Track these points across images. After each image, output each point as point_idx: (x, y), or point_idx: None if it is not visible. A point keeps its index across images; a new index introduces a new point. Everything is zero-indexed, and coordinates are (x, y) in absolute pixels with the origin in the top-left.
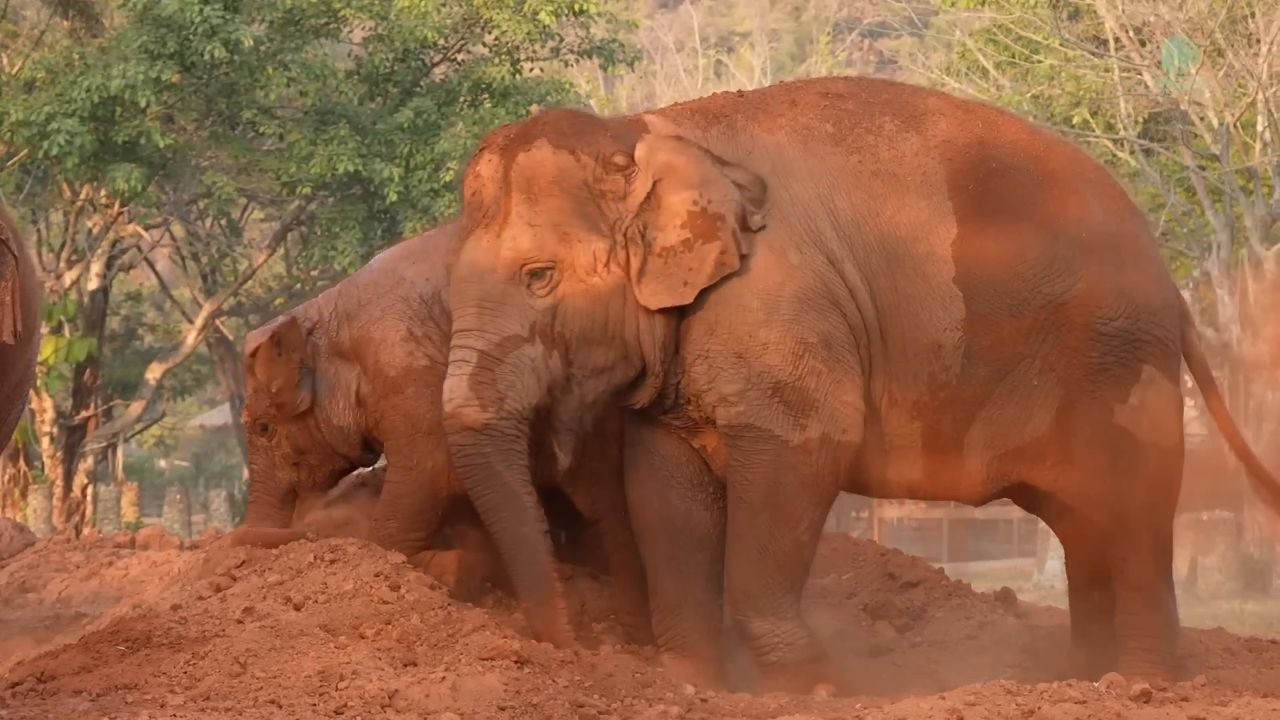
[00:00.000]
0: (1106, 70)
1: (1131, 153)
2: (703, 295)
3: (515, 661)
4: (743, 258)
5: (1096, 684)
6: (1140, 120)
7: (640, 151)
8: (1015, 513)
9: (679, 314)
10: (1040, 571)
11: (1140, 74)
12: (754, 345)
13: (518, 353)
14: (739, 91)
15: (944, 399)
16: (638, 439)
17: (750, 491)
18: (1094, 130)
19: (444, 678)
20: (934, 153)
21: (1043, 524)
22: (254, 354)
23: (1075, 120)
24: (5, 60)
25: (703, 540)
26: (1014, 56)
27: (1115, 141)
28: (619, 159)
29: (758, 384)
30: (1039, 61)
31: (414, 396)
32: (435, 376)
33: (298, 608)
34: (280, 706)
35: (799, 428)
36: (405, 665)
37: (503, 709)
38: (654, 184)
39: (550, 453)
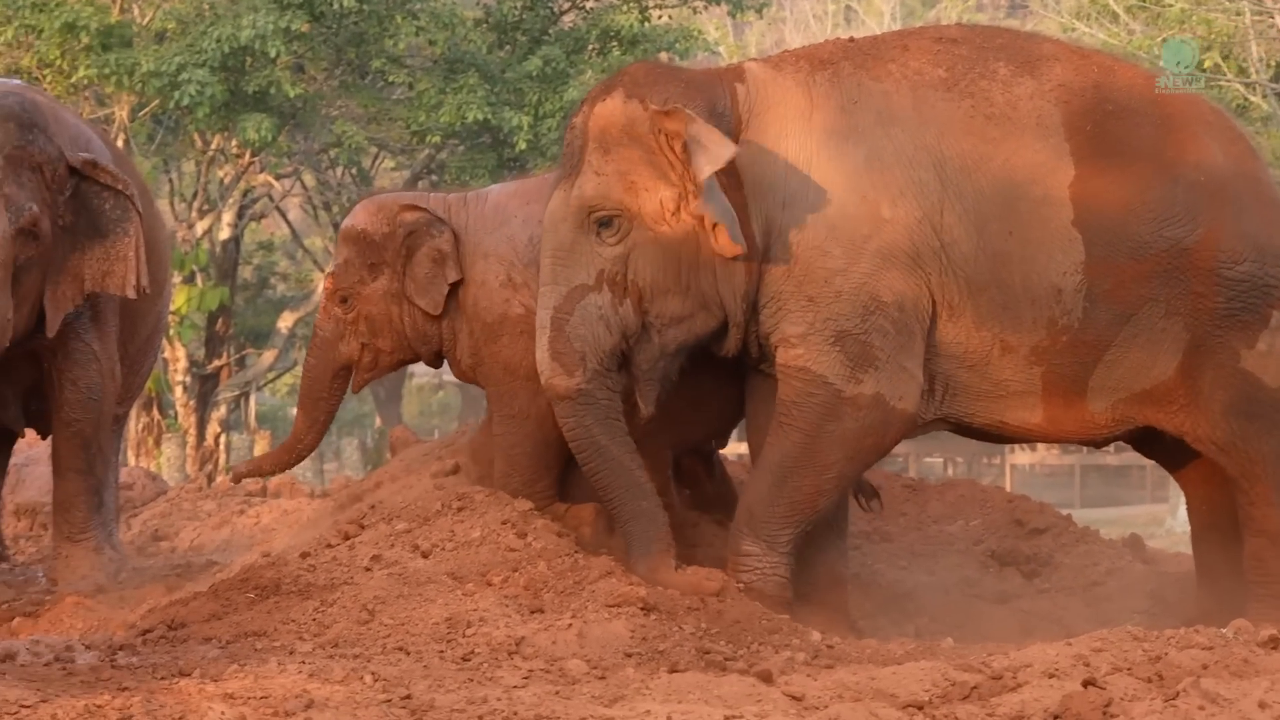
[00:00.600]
0: (1238, 14)
1: (1264, 97)
2: (785, 240)
3: (641, 608)
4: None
5: (1224, 630)
6: (1273, 64)
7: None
8: (1148, 459)
9: (759, 261)
10: (1173, 517)
11: (1272, 17)
12: (827, 291)
13: (584, 303)
14: (850, 38)
15: (1065, 343)
16: (755, 390)
17: (791, 426)
18: (1226, 75)
19: (570, 624)
20: (1049, 96)
21: None
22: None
23: (1207, 65)
24: (136, 11)
25: None
26: (1144, 1)
27: (1247, 86)
28: (689, 110)
29: (822, 330)
30: (1169, 5)
31: (509, 344)
32: (531, 324)
33: (425, 555)
34: (408, 653)
35: (855, 380)
36: (532, 612)
37: (629, 655)
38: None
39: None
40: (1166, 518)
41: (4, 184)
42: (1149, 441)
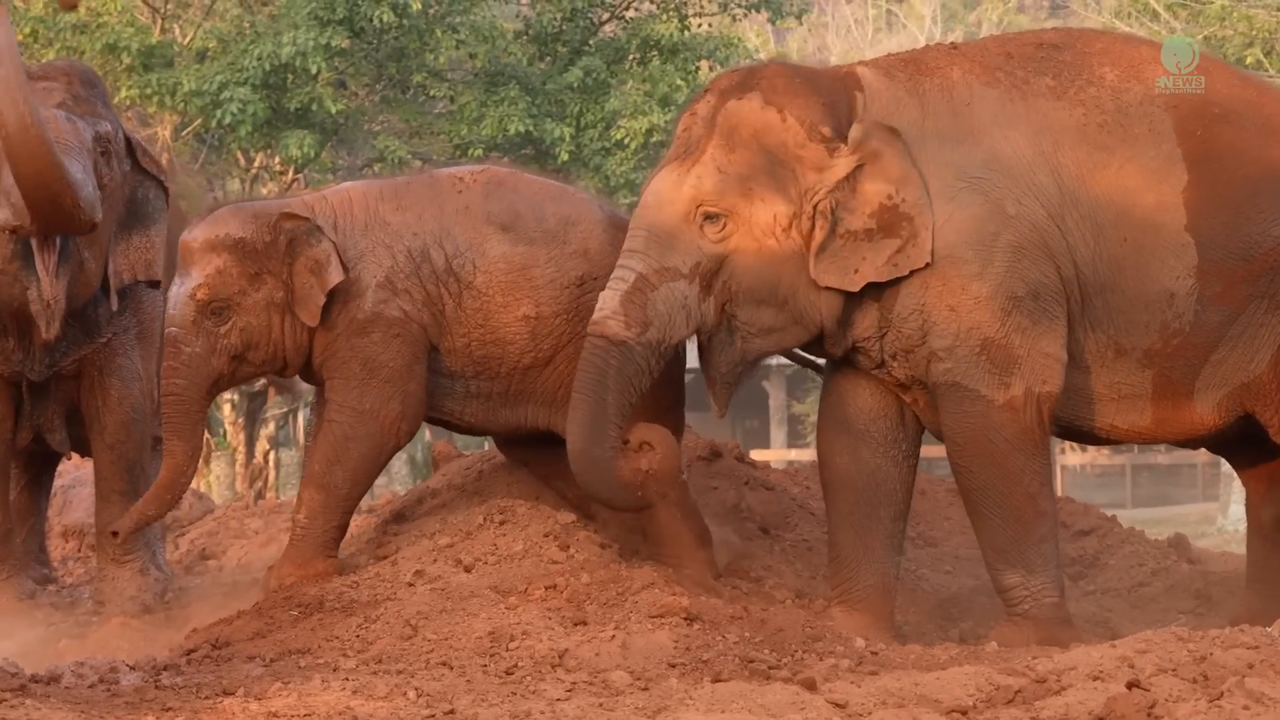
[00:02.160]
0: (1279, 9)
1: None
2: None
3: (685, 618)
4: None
5: (1269, 629)
6: None
7: (855, 132)
8: (1199, 457)
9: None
10: (1224, 516)
11: None
12: (966, 299)
13: (673, 285)
14: (952, 44)
15: (1176, 346)
16: (833, 391)
17: (965, 455)
18: (1268, 71)
19: (614, 636)
20: (1158, 102)
21: (1226, 468)
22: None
23: (1249, 61)
24: (177, 31)
25: (888, 497)
26: None
27: None
28: (825, 130)
29: (965, 340)
30: (1210, 2)
31: (378, 342)
32: (406, 329)
33: (468, 570)
34: (451, 668)
35: (1003, 386)
36: (575, 624)
37: (673, 665)
38: (857, 167)
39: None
40: (1218, 516)
41: (75, 109)
42: (1223, 437)
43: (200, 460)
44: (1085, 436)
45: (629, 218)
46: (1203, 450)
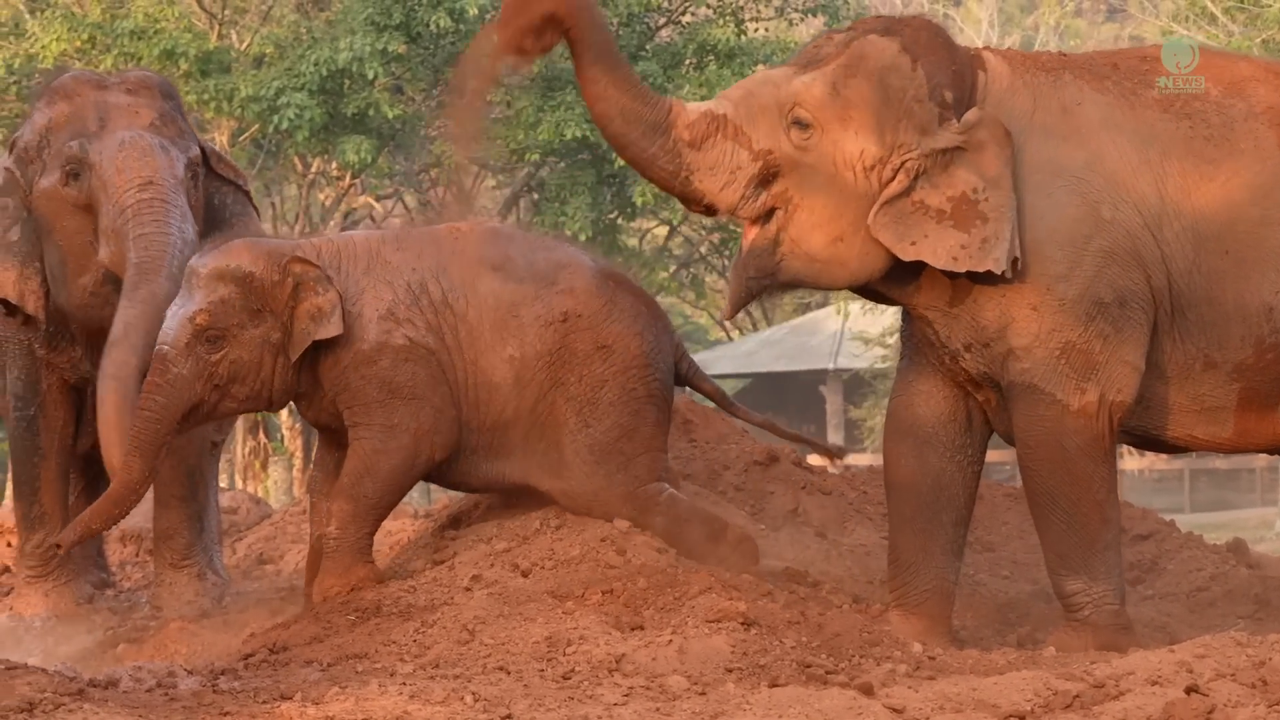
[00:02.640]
0: None
1: None
2: None
3: (742, 623)
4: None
5: None
6: None
7: (971, 114)
8: (1258, 461)
9: None
10: None
11: None
12: (1050, 299)
13: (739, 149)
14: (1061, 52)
15: (1269, 360)
16: (902, 394)
17: (1035, 458)
18: None
19: (671, 641)
20: (1262, 118)
21: None
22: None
23: None
24: (235, 36)
25: (950, 502)
26: (1242, 1)
27: None
28: (947, 95)
29: (1046, 341)
30: (1268, 5)
31: (390, 367)
32: (415, 353)
33: (525, 574)
34: (508, 673)
35: (1079, 391)
36: (632, 629)
37: (729, 670)
38: (958, 148)
39: None
40: (1276, 520)
41: (164, 130)
42: None
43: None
44: (1157, 445)
45: (621, 271)
46: (1261, 455)
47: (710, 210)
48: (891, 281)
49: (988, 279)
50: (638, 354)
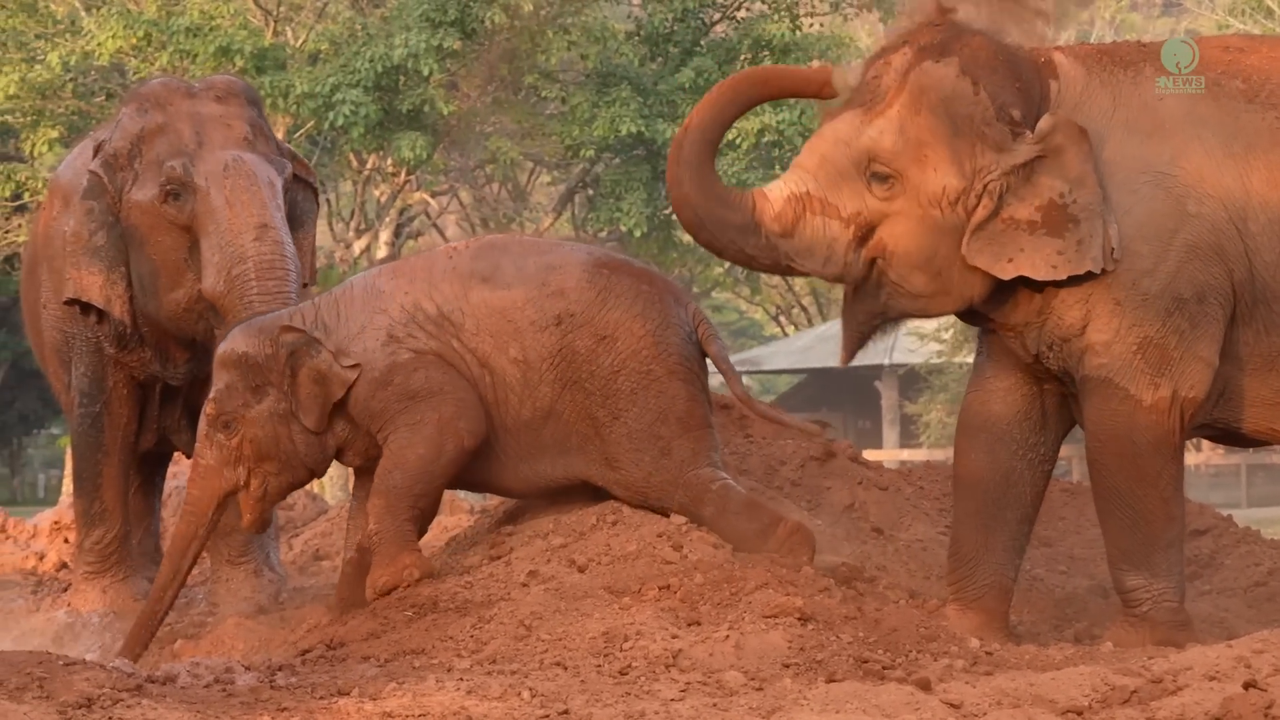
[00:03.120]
0: None
1: None
2: None
3: (799, 619)
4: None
5: None
6: None
7: (1043, 123)
8: None
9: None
10: None
11: None
12: (1134, 295)
13: (829, 221)
14: (1140, 41)
15: None
16: (978, 389)
17: (1104, 452)
18: None
19: (728, 636)
20: None
21: None
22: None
23: None
24: (290, 33)
25: (1017, 499)
26: None
27: None
28: (1015, 112)
29: (1125, 336)
30: None
31: (404, 379)
32: (422, 361)
33: (582, 570)
34: (565, 668)
35: (1153, 386)
36: (689, 624)
37: (787, 666)
38: (1037, 158)
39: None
40: None
41: (257, 144)
42: None
43: None
44: (1235, 439)
45: (622, 258)
46: None
47: (851, 295)
48: (988, 302)
49: (1077, 276)
50: (643, 335)
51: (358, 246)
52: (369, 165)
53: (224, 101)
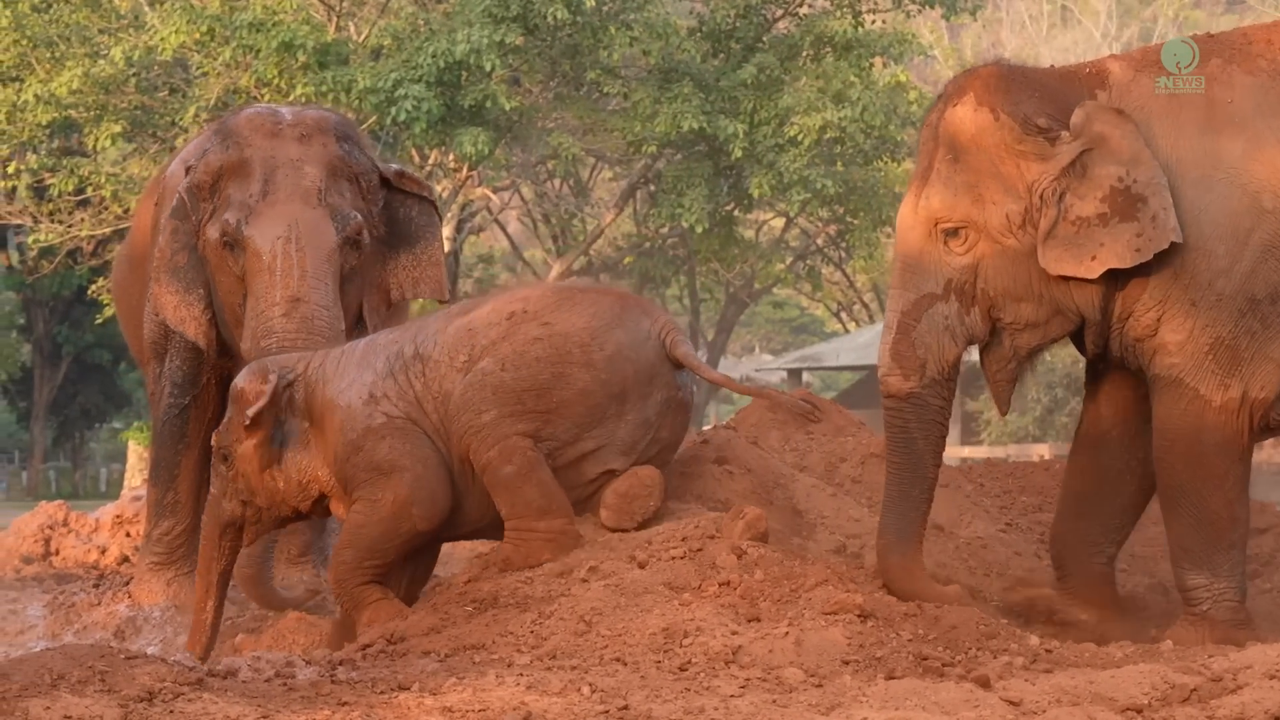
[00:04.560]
0: None
1: None
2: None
3: (858, 615)
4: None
5: None
6: None
7: (1076, 117)
8: None
9: (1140, 264)
10: None
11: None
12: (1209, 295)
13: (932, 312)
14: (1209, 34)
15: None
16: (1089, 392)
17: (1172, 452)
18: None
19: (787, 633)
20: None
21: None
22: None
23: None
24: (353, 28)
25: (1113, 495)
26: None
27: None
28: (1041, 120)
29: (1198, 337)
30: None
31: (373, 447)
32: (396, 426)
33: (642, 566)
34: (625, 664)
35: (1223, 387)
36: (749, 621)
37: (846, 663)
38: (1083, 152)
39: None
40: None
41: (329, 193)
42: None
43: None
44: None
45: (589, 284)
46: None
47: (982, 353)
48: (1095, 318)
49: (1158, 278)
50: (582, 328)
51: None
52: (431, 161)
53: (306, 141)
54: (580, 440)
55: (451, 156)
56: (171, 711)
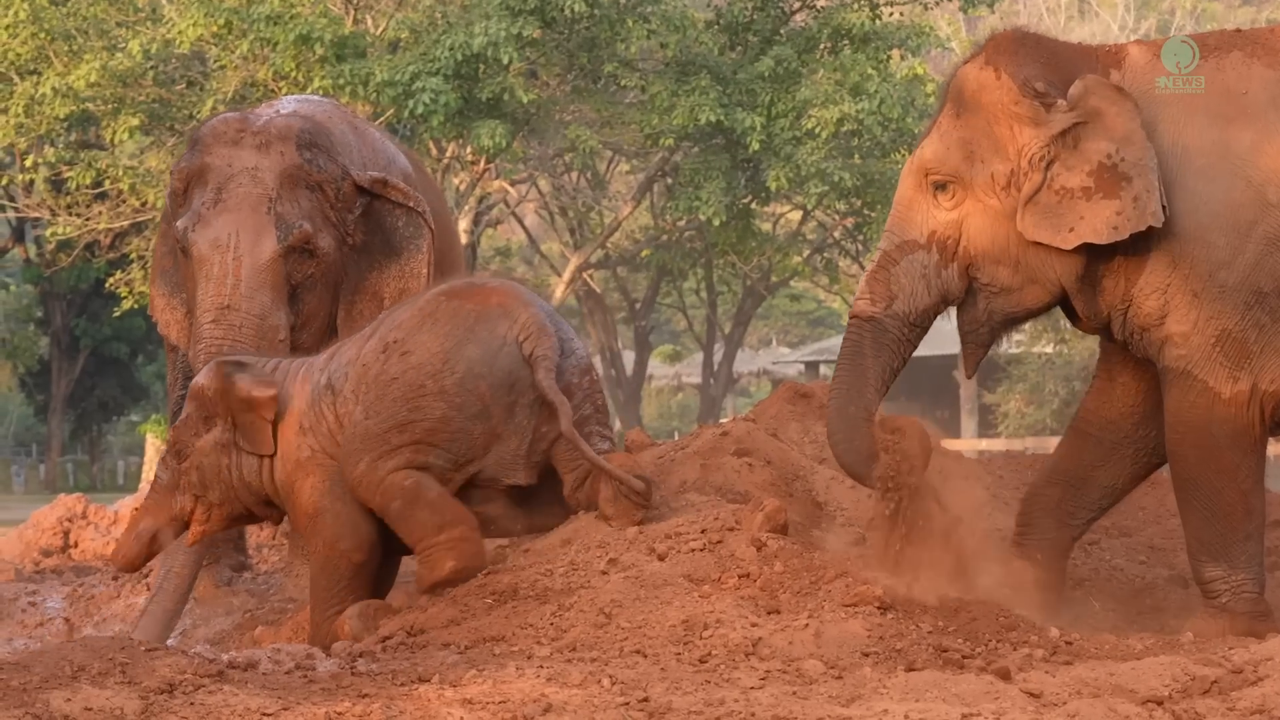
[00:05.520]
0: None
1: None
2: (1168, 226)
3: (878, 607)
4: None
5: None
6: None
7: (1075, 89)
8: None
9: (1133, 246)
10: None
11: None
12: (1211, 286)
13: (912, 257)
14: (1236, 29)
15: None
16: (1100, 375)
17: (1183, 444)
18: None
19: (807, 624)
20: None
21: None
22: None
23: None
24: (370, 21)
25: (1097, 479)
26: None
27: None
28: (1039, 85)
29: (1203, 329)
30: None
31: (301, 485)
32: (318, 462)
33: (661, 558)
34: (645, 656)
35: (1231, 380)
36: (769, 613)
37: (866, 655)
38: (1076, 124)
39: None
40: None
41: (280, 202)
42: None
43: None
44: None
45: (464, 287)
46: None
47: (965, 314)
48: (1077, 294)
49: (1155, 264)
50: (435, 354)
51: None
52: (448, 153)
53: (264, 150)
54: (464, 465)
55: (469, 149)
56: (192, 703)
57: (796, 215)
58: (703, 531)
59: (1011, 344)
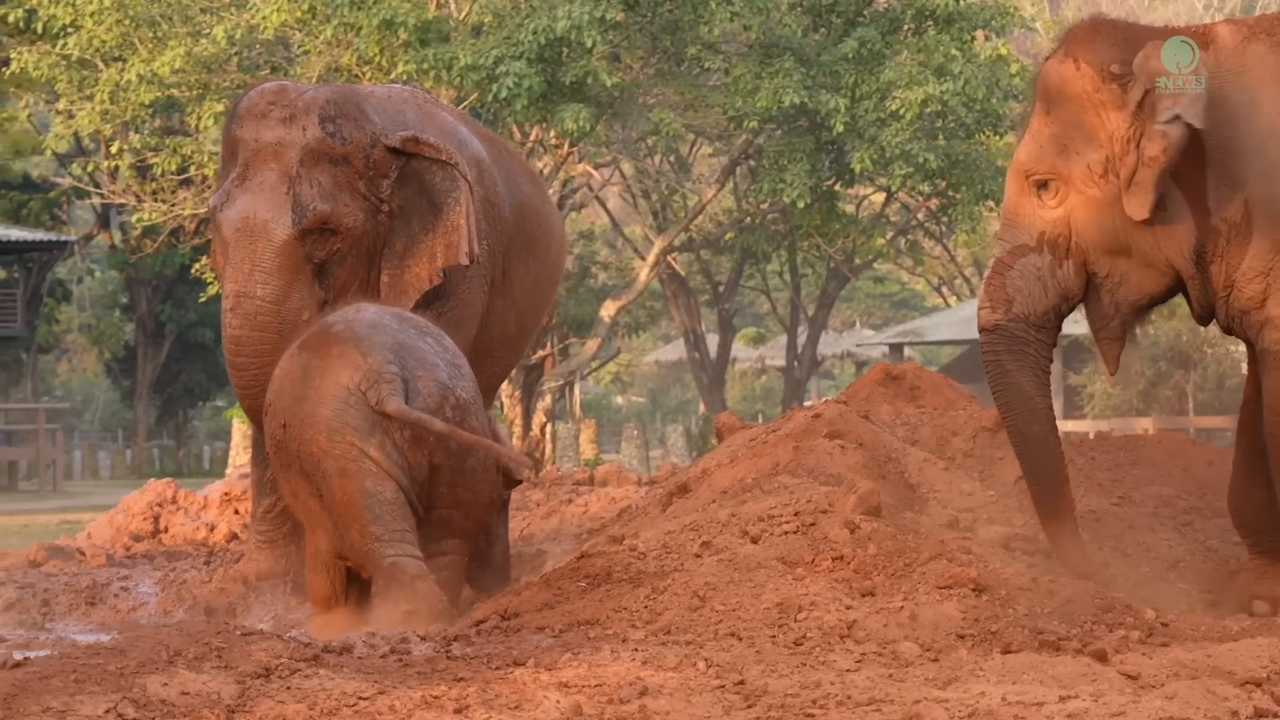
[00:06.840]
0: None
1: None
2: (1270, 212)
3: (973, 589)
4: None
5: None
6: None
7: (1137, 60)
8: None
9: (1237, 233)
10: None
11: None
12: None
13: (1024, 261)
14: None
15: None
16: (1249, 360)
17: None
18: None
19: (902, 607)
20: None
21: None
22: None
23: None
24: (453, 6)
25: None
26: None
27: None
28: (1115, 67)
29: None
30: None
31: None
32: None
33: (755, 541)
34: (740, 639)
35: None
36: (863, 595)
37: (961, 637)
38: (1146, 92)
39: None
40: None
41: (300, 181)
42: None
43: None
44: None
45: (333, 327)
46: None
47: (1092, 311)
48: (1188, 276)
49: (1257, 248)
50: (315, 429)
51: None
52: (532, 137)
53: (288, 124)
54: None
55: (552, 133)
56: (288, 687)
57: (880, 197)
58: (796, 514)
59: None
